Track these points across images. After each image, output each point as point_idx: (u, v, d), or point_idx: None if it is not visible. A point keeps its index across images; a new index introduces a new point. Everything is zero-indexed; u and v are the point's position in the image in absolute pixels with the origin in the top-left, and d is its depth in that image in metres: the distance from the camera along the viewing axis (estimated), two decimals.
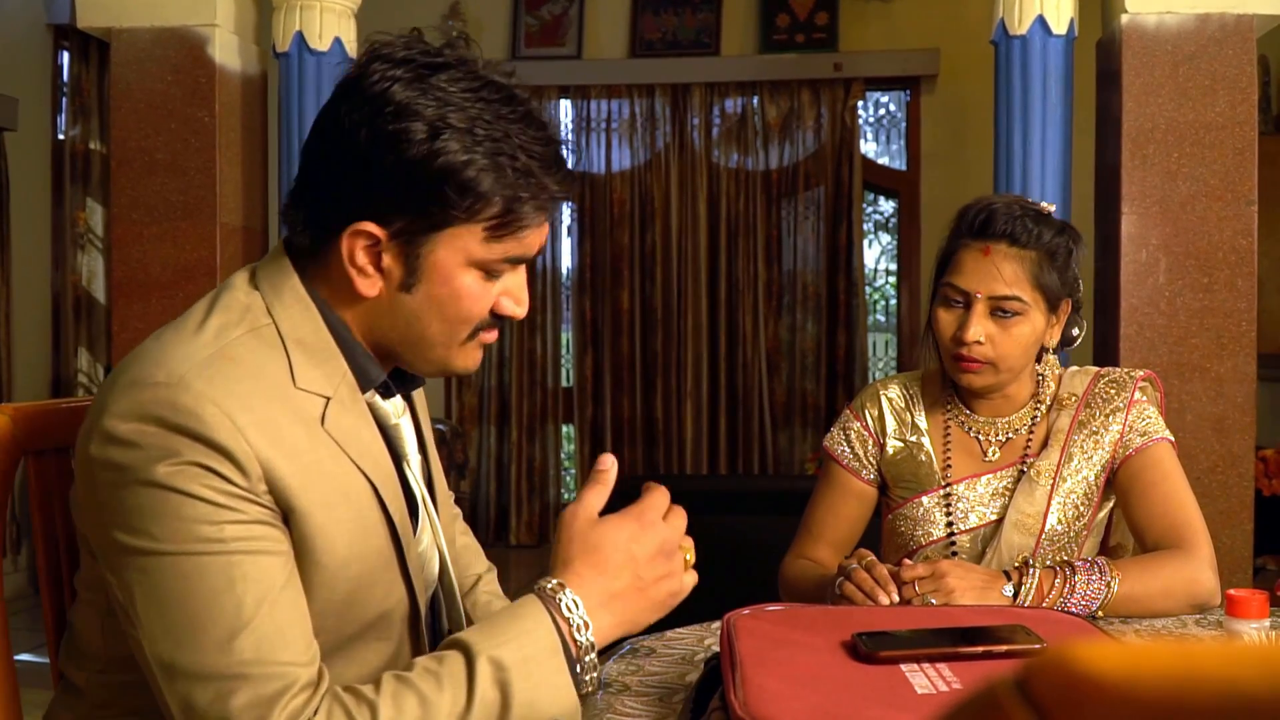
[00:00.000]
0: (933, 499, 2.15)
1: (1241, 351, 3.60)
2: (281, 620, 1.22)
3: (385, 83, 1.28)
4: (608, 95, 7.20)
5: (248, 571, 1.21)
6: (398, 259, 1.32)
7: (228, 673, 1.19)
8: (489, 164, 1.29)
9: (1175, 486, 2.06)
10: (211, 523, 1.20)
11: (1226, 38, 3.61)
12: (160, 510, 1.20)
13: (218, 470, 1.21)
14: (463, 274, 1.34)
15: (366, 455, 1.35)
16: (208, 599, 1.20)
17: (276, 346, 1.32)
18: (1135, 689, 0.36)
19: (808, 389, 7.11)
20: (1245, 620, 1.56)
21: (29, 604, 5.45)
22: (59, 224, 6.51)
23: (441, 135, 1.27)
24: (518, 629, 1.27)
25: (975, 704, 0.41)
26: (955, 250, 2.10)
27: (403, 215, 1.30)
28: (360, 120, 1.28)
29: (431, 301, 1.34)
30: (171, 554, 1.20)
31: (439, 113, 1.28)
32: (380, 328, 1.38)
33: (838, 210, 7.03)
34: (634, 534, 1.34)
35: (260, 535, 1.23)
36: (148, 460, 1.20)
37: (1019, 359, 2.07)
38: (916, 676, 1.32)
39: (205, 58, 4.05)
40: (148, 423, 1.21)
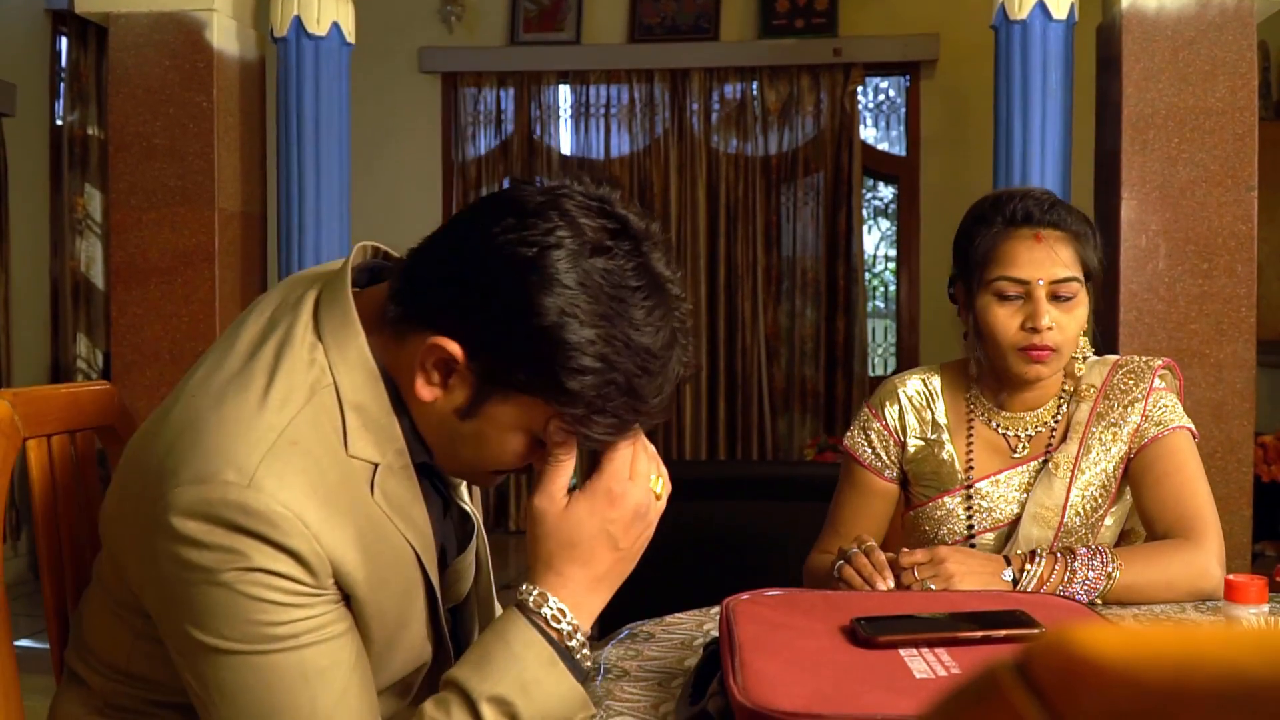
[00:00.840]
0: (955, 499, 2.14)
1: (1241, 337, 3.60)
2: (353, 702, 1.25)
3: (550, 238, 1.21)
4: (607, 81, 7.19)
5: (320, 661, 1.23)
6: (466, 388, 1.27)
7: None
8: (597, 369, 1.22)
9: (1189, 476, 2.04)
10: (282, 622, 1.21)
11: (1226, 23, 3.61)
12: (231, 612, 1.21)
13: (287, 574, 1.21)
14: (516, 433, 1.31)
15: (411, 523, 1.34)
16: (284, 694, 1.22)
17: (334, 412, 1.28)
18: (1135, 672, 0.36)
19: (807, 375, 7.11)
20: (1244, 605, 1.56)
21: (28, 590, 5.45)
22: (57, 210, 6.50)
23: (568, 321, 1.20)
24: (509, 657, 1.29)
25: (975, 687, 0.41)
26: (998, 243, 2.05)
27: (493, 360, 1.25)
28: (510, 258, 1.21)
29: (477, 438, 1.31)
30: (244, 653, 1.21)
31: (589, 307, 1.21)
32: (420, 419, 1.34)
33: (837, 196, 7.03)
34: (605, 513, 1.33)
35: (329, 622, 1.25)
36: (218, 563, 1.19)
37: (1076, 341, 2.07)
38: (915, 661, 1.32)
39: (203, 42, 4.04)
40: (217, 524, 1.19)
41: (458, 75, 7.26)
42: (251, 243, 4.23)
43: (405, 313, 1.28)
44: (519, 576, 1.38)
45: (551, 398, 1.24)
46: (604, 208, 1.26)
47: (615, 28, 7.19)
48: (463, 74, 7.25)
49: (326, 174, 4.18)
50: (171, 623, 1.25)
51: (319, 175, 4.17)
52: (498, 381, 1.25)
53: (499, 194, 1.29)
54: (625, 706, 1.43)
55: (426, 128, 7.26)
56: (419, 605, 1.37)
